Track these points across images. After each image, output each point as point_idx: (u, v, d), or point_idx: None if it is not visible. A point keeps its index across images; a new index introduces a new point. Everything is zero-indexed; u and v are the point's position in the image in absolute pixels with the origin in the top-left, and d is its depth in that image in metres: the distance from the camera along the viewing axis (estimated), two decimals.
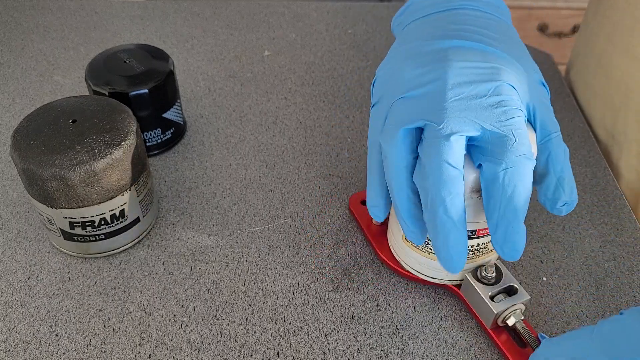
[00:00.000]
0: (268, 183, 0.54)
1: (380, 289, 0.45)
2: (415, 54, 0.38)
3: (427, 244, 0.41)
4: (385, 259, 0.46)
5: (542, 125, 0.37)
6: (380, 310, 0.44)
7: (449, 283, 0.44)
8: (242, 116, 0.62)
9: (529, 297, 0.40)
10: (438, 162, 0.33)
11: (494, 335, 0.41)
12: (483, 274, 0.41)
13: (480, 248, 0.41)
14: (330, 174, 0.55)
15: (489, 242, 0.41)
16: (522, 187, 0.34)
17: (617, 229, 0.51)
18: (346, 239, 0.49)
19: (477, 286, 0.41)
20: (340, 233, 0.50)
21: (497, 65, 0.36)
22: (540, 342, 0.39)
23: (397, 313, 0.44)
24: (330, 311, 0.44)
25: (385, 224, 0.48)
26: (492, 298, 0.40)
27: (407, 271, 0.45)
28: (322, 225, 0.50)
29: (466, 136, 0.34)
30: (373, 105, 0.39)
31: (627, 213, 0.52)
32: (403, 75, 0.37)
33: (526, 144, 0.34)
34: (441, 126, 0.34)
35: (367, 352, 0.41)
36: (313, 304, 0.44)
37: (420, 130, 0.35)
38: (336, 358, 0.41)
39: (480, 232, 0.39)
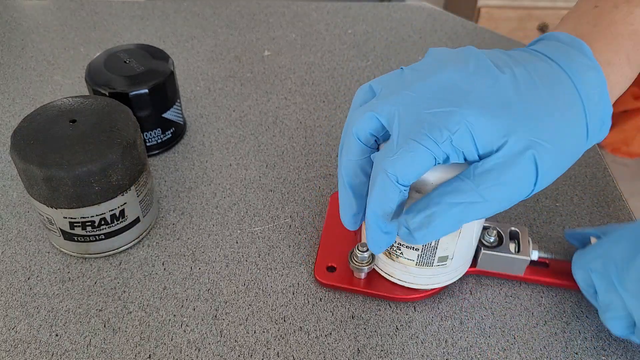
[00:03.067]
0: (268, 183, 0.54)
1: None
2: (459, 54, 0.37)
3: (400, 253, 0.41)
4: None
5: (476, 174, 0.33)
6: (380, 310, 0.44)
7: (418, 287, 0.43)
8: (242, 116, 0.62)
9: (527, 229, 0.45)
10: (349, 126, 0.36)
11: (532, 273, 0.45)
12: (488, 239, 0.44)
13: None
14: (330, 174, 0.55)
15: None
16: (376, 196, 0.34)
17: None
18: None
19: (494, 251, 0.44)
20: None
21: (481, 100, 0.33)
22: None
23: (397, 313, 0.44)
24: (330, 311, 0.44)
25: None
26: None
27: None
28: (322, 225, 0.50)
29: (380, 122, 0.34)
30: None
31: (626, 214, 0.52)
32: (432, 57, 0.37)
33: (400, 167, 0.32)
34: (374, 101, 0.35)
35: (367, 352, 0.41)
36: (313, 304, 0.44)
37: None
38: (336, 358, 0.41)
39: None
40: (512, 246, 0.44)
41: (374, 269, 0.44)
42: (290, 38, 0.75)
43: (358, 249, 0.43)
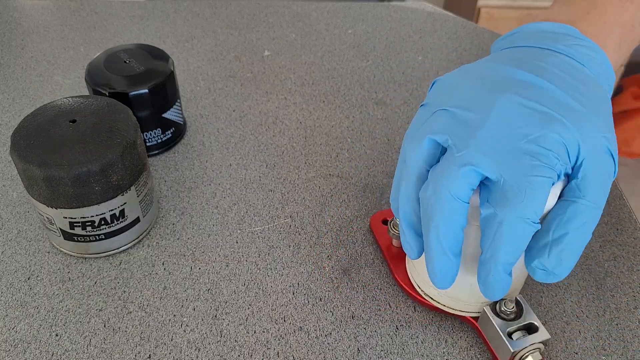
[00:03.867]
0: (268, 183, 0.54)
1: (380, 289, 0.45)
2: (482, 75, 0.36)
3: None
4: (402, 283, 0.44)
5: (579, 186, 0.33)
6: (380, 310, 0.44)
7: (466, 314, 0.42)
8: (242, 116, 0.62)
9: (549, 337, 0.38)
10: (442, 188, 0.32)
11: None
12: (502, 309, 0.39)
13: None
14: (330, 174, 0.55)
15: None
16: (512, 245, 0.32)
17: (617, 229, 0.51)
18: (346, 239, 0.49)
19: (495, 321, 0.39)
20: (340, 233, 0.50)
21: (555, 113, 0.33)
22: None
23: (397, 313, 0.44)
24: (330, 311, 0.44)
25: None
26: (510, 335, 0.38)
27: (424, 298, 0.43)
28: (322, 225, 0.50)
29: (481, 173, 0.32)
30: (422, 105, 0.38)
31: (627, 213, 0.52)
32: (460, 90, 0.36)
33: (534, 207, 0.31)
34: (460, 153, 0.32)
35: (367, 352, 0.41)
36: (313, 304, 0.44)
37: (445, 150, 0.34)
38: (336, 358, 0.41)
39: None
40: (518, 332, 0.39)
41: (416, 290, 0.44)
42: (290, 38, 0.75)
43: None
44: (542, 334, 0.38)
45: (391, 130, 0.60)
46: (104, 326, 0.43)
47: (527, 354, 0.38)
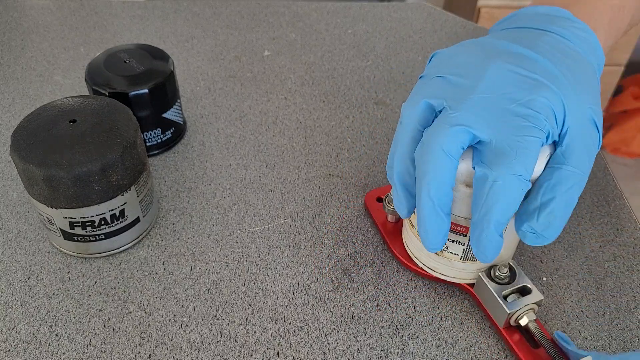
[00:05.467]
0: (268, 183, 0.54)
1: (380, 289, 0.45)
2: (477, 46, 0.38)
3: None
4: (398, 255, 0.46)
5: (564, 153, 0.35)
6: (380, 310, 0.44)
7: (462, 282, 0.44)
8: (242, 116, 0.62)
9: (542, 297, 0.40)
10: (434, 144, 0.34)
11: (506, 335, 0.41)
12: (497, 273, 0.41)
13: None
14: (330, 174, 0.55)
15: None
16: (505, 203, 0.33)
17: (617, 229, 0.51)
18: (346, 239, 0.49)
19: (490, 285, 0.41)
20: (340, 233, 0.50)
21: (545, 80, 0.35)
22: (554, 342, 0.39)
23: (397, 313, 0.44)
24: (330, 311, 0.44)
25: (399, 221, 0.48)
26: (505, 297, 0.41)
27: (420, 268, 0.45)
28: (322, 225, 0.50)
29: (472, 133, 0.34)
30: (420, 77, 0.40)
31: (627, 213, 0.52)
32: (455, 59, 0.38)
33: (526, 165, 0.33)
34: (454, 114, 0.34)
35: (367, 352, 0.41)
36: (313, 304, 0.44)
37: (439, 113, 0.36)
38: (336, 358, 0.41)
39: None
40: (513, 295, 0.41)
41: (414, 261, 0.45)
42: (290, 38, 0.75)
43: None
44: (536, 295, 0.40)
45: (391, 130, 0.60)
46: (104, 326, 0.43)
47: (522, 314, 0.40)
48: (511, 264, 0.42)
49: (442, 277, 0.44)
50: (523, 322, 0.40)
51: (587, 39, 0.39)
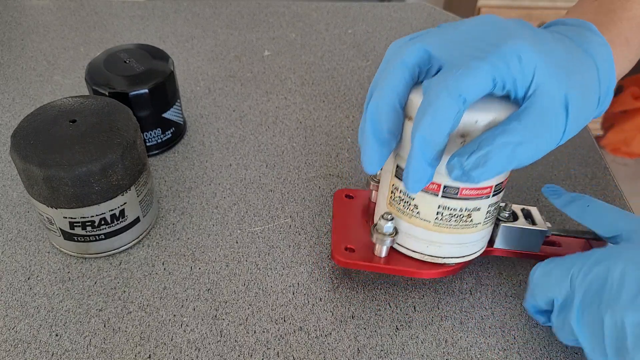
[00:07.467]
0: (268, 183, 0.54)
1: (380, 289, 0.45)
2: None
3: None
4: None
5: (520, 114, 0.34)
6: (380, 310, 0.44)
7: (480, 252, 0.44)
8: (242, 116, 0.62)
9: (536, 207, 0.46)
10: (396, 57, 0.36)
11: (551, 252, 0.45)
12: (501, 214, 0.44)
13: (462, 215, 0.39)
14: (330, 174, 0.55)
15: (472, 210, 0.40)
16: (431, 117, 0.32)
17: None
18: None
19: (515, 224, 0.44)
20: None
21: (526, 37, 0.34)
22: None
23: (397, 313, 0.44)
24: (330, 311, 0.44)
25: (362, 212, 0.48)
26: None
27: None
28: (322, 225, 0.50)
29: (429, 52, 0.35)
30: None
31: None
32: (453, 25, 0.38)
33: (463, 84, 0.32)
34: (421, 37, 0.36)
35: (367, 352, 0.41)
36: (313, 304, 0.44)
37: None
38: (336, 358, 0.41)
39: (464, 192, 0.38)
40: (526, 221, 0.45)
41: (394, 248, 0.43)
42: (290, 38, 0.75)
43: (382, 218, 0.41)
44: (536, 215, 0.46)
45: None
46: (104, 326, 0.43)
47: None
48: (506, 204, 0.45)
49: (422, 258, 0.43)
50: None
51: (600, 47, 0.38)
